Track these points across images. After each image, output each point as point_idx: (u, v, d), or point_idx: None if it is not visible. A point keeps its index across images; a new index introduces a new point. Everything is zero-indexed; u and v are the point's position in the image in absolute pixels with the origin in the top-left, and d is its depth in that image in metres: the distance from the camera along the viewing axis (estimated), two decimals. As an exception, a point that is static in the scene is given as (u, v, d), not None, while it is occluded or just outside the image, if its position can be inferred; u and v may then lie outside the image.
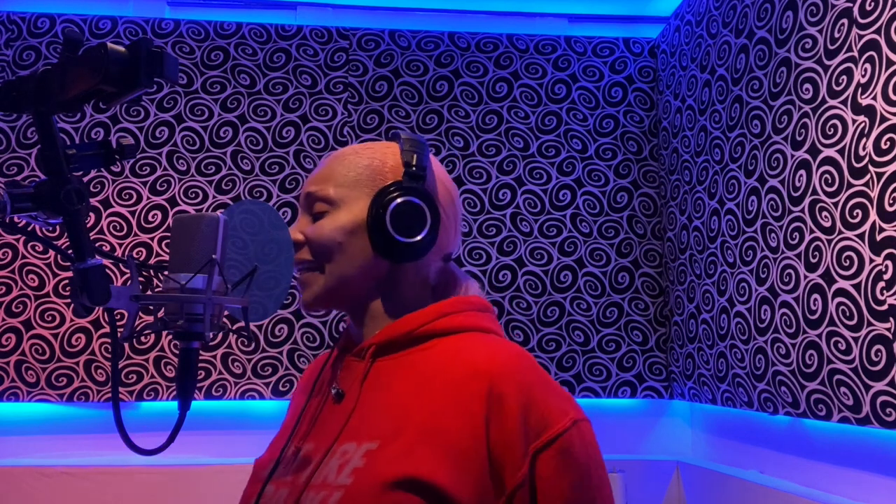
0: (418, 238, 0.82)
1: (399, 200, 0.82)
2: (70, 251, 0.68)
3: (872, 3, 1.62)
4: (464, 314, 0.85)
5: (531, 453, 0.72)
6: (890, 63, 1.56)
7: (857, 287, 1.64)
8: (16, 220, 0.68)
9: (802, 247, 1.84)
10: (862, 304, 1.62)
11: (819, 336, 1.77)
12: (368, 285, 0.85)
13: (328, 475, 0.75)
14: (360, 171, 0.85)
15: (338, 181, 0.85)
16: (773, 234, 1.97)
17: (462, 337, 0.82)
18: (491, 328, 0.86)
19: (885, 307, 1.55)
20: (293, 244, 0.86)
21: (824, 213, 1.76)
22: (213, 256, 0.70)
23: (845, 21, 1.71)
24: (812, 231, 1.81)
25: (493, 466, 0.72)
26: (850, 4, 1.69)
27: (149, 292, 0.76)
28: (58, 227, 1.61)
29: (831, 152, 1.74)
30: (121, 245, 2.50)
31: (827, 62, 1.77)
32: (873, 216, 1.59)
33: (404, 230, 0.81)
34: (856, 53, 1.67)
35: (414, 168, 0.84)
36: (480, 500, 0.72)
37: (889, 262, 1.55)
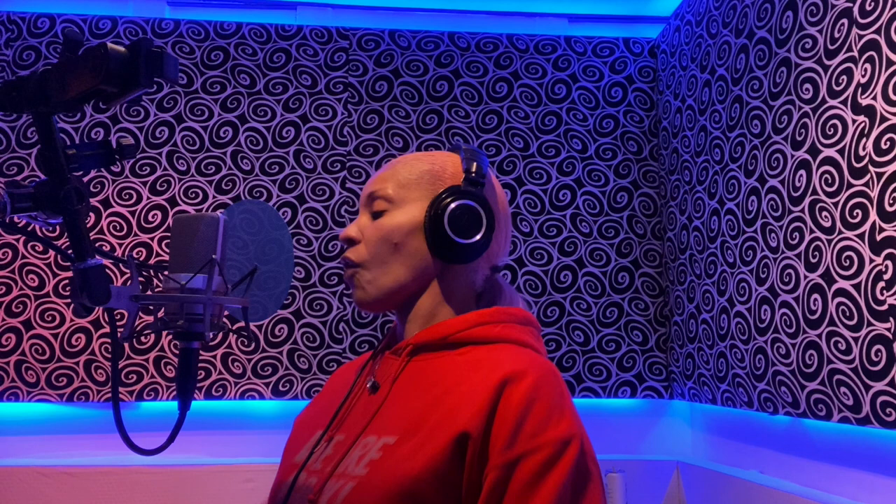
0: (474, 240, 0.85)
1: (458, 203, 0.85)
2: (70, 251, 0.68)
3: (872, 3, 1.62)
4: (502, 325, 0.86)
5: (517, 454, 0.72)
6: (890, 63, 1.56)
7: (857, 287, 1.64)
8: (16, 220, 0.68)
9: (802, 247, 1.84)
10: (862, 304, 1.62)
11: (819, 336, 1.77)
12: (420, 285, 0.88)
13: (349, 465, 0.78)
14: (420, 174, 0.88)
15: (398, 181, 0.88)
16: (773, 234, 1.97)
17: (497, 347, 0.83)
18: (529, 342, 0.86)
19: (885, 307, 1.55)
20: (346, 240, 0.89)
21: (824, 213, 1.76)
22: (213, 256, 0.70)
23: (845, 21, 1.71)
24: (812, 231, 1.81)
25: (482, 454, 0.73)
26: (850, 4, 1.69)
27: (149, 292, 0.76)
28: (58, 227, 1.60)
29: (831, 152, 1.74)
30: (121, 245, 2.50)
31: (827, 62, 1.77)
32: (873, 216, 1.59)
33: (461, 231, 0.84)
34: (856, 53, 1.67)
35: (474, 174, 0.87)
36: (470, 487, 0.74)
37: (889, 262, 1.55)
